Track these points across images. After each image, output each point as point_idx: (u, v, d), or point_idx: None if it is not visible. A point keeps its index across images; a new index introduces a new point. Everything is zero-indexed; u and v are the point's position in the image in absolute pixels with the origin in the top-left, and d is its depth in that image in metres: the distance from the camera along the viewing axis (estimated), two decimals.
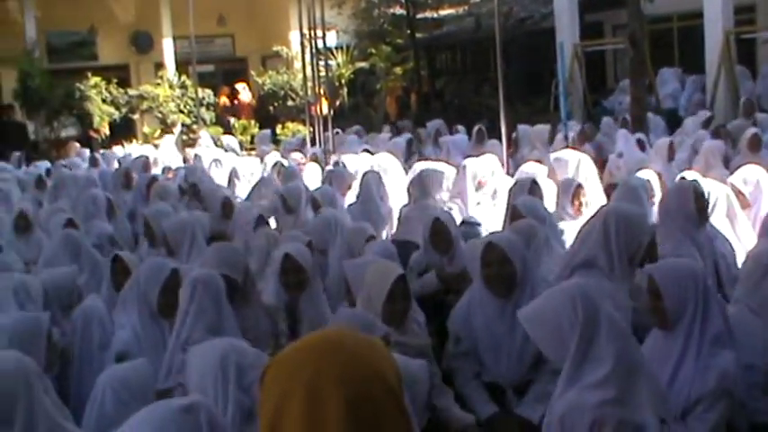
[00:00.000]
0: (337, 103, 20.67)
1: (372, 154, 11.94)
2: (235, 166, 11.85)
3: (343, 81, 22.40)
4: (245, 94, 23.05)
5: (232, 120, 21.63)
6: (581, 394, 3.41)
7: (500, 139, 10.69)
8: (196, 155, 14.44)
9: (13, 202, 10.02)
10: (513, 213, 6.40)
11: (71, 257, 6.48)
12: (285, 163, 12.10)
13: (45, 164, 14.98)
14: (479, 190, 8.41)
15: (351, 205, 8.94)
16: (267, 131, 18.59)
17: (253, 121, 21.37)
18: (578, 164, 8.64)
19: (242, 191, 10.83)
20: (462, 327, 4.81)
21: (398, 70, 22.81)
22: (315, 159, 12.87)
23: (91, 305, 5.09)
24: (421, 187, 8.43)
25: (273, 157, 13.39)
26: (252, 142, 19.58)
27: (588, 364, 3.43)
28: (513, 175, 9.10)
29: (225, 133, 19.61)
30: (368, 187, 8.79)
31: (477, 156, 9.72)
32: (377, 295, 4.42)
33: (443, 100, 22.14)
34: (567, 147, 10.59)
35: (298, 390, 1.71)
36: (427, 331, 4.77)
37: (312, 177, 10.94)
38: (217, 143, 17.35)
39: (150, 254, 6.91)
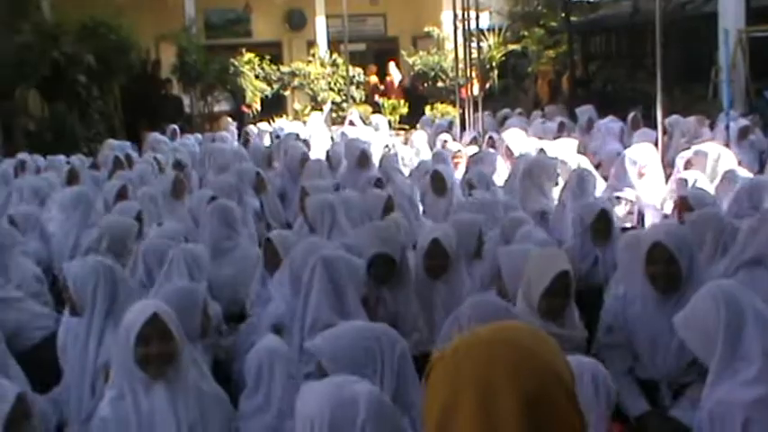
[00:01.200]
0: (487, 85, 20.46)
1: None
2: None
3: (494, 63, 22.15)
4: (395, 73, 23.08)
5: (381, 99, 21.69)
6: (732, 391, 3.35)
7: (654, 127, 10.31)
8: (343, 133, 14.49)
9: (167, 173, 10.23)
10: (682, 204, 6.22)
11: (225, 229, 6.56)
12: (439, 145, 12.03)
13: (196, 137, 15.35)
14: (640, 179, 8.13)
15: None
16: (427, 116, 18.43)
17: (402, 101, 21.38)
18: (717, 158, 8.27)
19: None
20: (616, 318, 4.63)
21: (551, 53, 22.39)
22: (474, 142, 12.71)
23: None
24: (530, 179, 8.14)
25: (422, 137, 13.34)
26: (401, 122, 19.58)
27: (737, 362, 3.38)
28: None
29: (374, 112, 19.67)
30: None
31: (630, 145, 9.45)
32: (536, 287, 4.29)
33: (595, 85, 21.63)
34: (728, 138, 10.18)
35: (469, 387, 1.61)
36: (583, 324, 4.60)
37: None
38: (365, 122, 17.40)
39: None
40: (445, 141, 12.31)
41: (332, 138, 15.00)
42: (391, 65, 23.25)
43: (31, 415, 3.25)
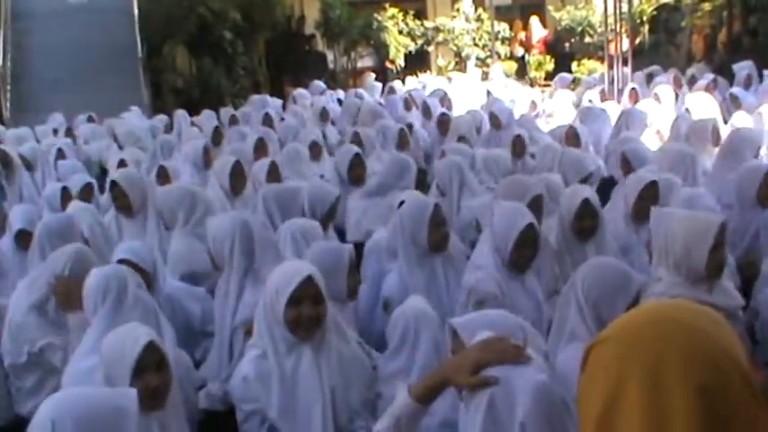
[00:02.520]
0: (637, 40, 19.74)
1: None
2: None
3: (644, 18, 21.35)
4: (538, 28, 22.55)
5: (526, 55, 21.25)
6: None
7: None
8: (488, 90, 14.21)
9: (309, 130, 10.20)
10: None
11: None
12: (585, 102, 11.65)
13: (338, 93, 15.34)
14: None
15: None
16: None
17: (548, 57, 20.89)
18: None
19: None
20: None
21: (706, 6, 21.40)
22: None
23: None
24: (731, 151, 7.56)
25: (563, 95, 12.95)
26: (546, 78, 19.14)
27: None
28: None
29: (519, 68, 19.32)
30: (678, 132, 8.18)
31: None
32: (697, 250, 4.00)
33: (756, 39, 20.56)
34: None
35: (635, 374, 1.41)
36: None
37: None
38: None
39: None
40: (590, 100, 11.90)
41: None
42: (533, 20, 22.70)
43: (165, 366, 3.21)
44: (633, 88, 11.92)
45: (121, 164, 8.35)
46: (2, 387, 4.36)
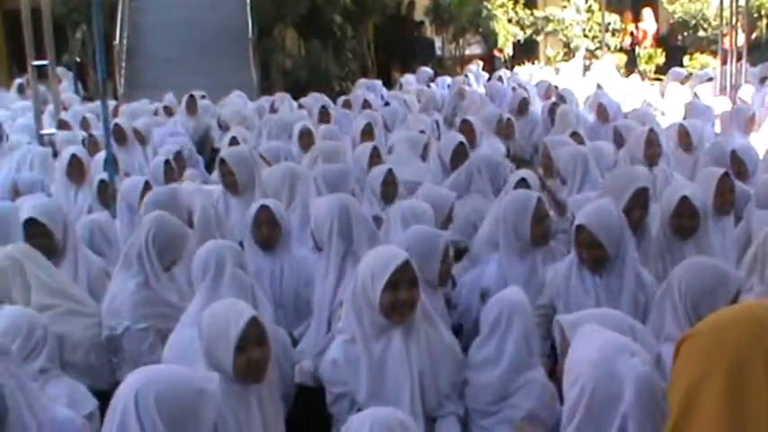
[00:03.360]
0: (754, 35, 19.19)
1: None
2: None
3: (762, 11, 20.72)
4: (649, 20, 22.06)
5: (637, 47, 20.85)
6: None
7: None
8: (598, 84, 13.99)
9: (415, 116, 10.23)
10: None
11: None
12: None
13: (445, 79, 15.32)
14: None
15: None
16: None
17: (659, 50, 20.46)
18: None
19: None
20: None
21: None
22: None
23: None
24: None
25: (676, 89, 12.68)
26: (657, 72, 18.76)
27: None
28: None
29: (628, 61, 18.98)
30: None
31: None
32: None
33: None
34: None
35: (721, 368, 1.43)
36: None
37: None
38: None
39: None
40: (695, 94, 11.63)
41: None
42: (645, 12, 22.20)
43: (266, 341, 3.30)
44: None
45: (233, 142, 8.53)
46: (102, 354, 4.51)
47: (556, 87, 12.95)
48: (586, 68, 18.30)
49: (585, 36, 21.12)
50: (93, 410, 3.76)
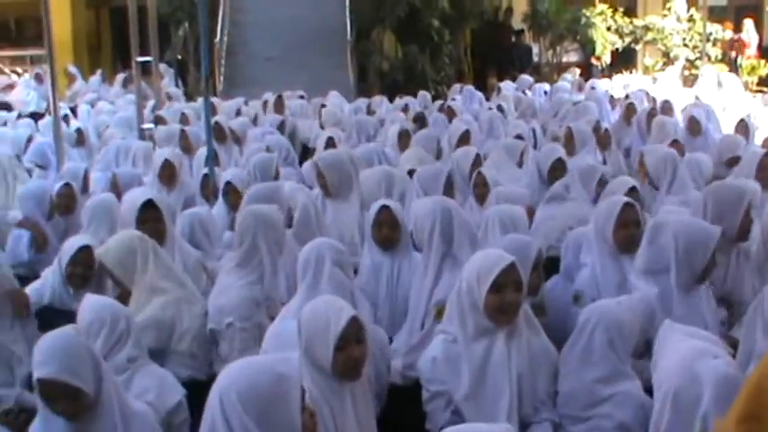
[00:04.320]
0: None
1: None
2: None
3: None
4: (751, 30, 21.51)
5: (739, 58, 20.39)
6: None
7: None
8: (696, 96, 13.72)
9: (513, 123, 10.20)
10: None
11: None
12: None
13: (543, 86, 15.21)
14: None
15: None
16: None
17: (762, 61, 19.97)
18: None
19: None
20: None
21: None
22: None
23: None
24: None
25: None
26: (759, 84, 18.34)
27: None
28: None
29: (729, 71, 18.54)
30: None
31: None
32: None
33: None
34: None
35: None
36: None
37: None
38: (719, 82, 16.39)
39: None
40: None
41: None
42: (747, 22, 21.67)
43: (364, 340, 3.34)
44: None
45: (329, 143, 8.63)
46: (204, 345, 4.60)
47: (654, 98, 12.76)
48: (686, 79, 17.99)
49: (685, 45, 20.76)
50: (181, 399, 3.83)
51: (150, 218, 5.07)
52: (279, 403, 2.63)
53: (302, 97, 13.04)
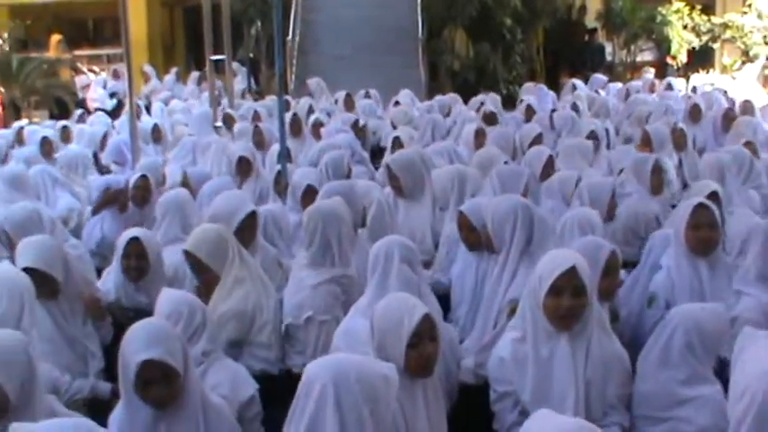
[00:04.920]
0: None
1: None
2: None
3: None
4: None
5: None
6: None
7: None
8: None
9: (586, 122, 10.09)
10: None
11: None
12: None
13: (616, 86, 15.02)
14: None
15: None
16: None
17: None
18: None
19: None
20: None
21: None
22: None
23: None
24: None
25: None
26: None
27: None
28: None
29: None
30: None
31: None
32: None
33: None
34: None
35: None
36: None
37: None
38: None
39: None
40: None
41: None
42: None
43: (437, 337, 3.34)
44: None
45: (395, 142, 8.64)
46: (279, 339, 4.65)
47: (732, 99, 12.51)
48: (766, 79, 17.63)
49: (766, 44, 20.31)
50: (254, 393, 3.85)
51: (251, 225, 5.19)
52: (382, 402, 2.73)
53: (370, 95, 13.05)
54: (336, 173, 7.01)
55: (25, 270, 4.25)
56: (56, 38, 17.58)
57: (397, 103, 12.21)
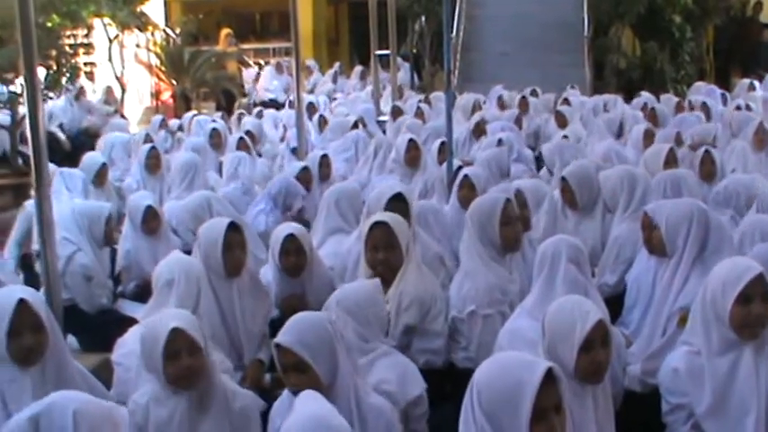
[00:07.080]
0: None
1: None
2: None
3: None
4: None
5: None
6: None
7: None
8: None
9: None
10: None
11: None
12: None
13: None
14: None
15: None
16: None
17: None
18: None
19: None
20: None
21: None
22: None
23: None
24: None
25: None
26: None
27: None
28: None
29: None
30: None
31: None
32: None
33: None
34: None
35: None
36: None
37: None
38: None
39: None
40: None
41: None
42: None
43: (609, 344, 3.29)
44: None
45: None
46: (446, 331, 4.68)
47: None
48: None
49: None
50: (422, 393, 3.86)
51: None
52: (508, 409, 2.58)
53: (534, 93, 12.91)
54: (498, 169, 7.05)
55: None
56: (225, 31, 18.07)
57: (566, 100, 12.03)
